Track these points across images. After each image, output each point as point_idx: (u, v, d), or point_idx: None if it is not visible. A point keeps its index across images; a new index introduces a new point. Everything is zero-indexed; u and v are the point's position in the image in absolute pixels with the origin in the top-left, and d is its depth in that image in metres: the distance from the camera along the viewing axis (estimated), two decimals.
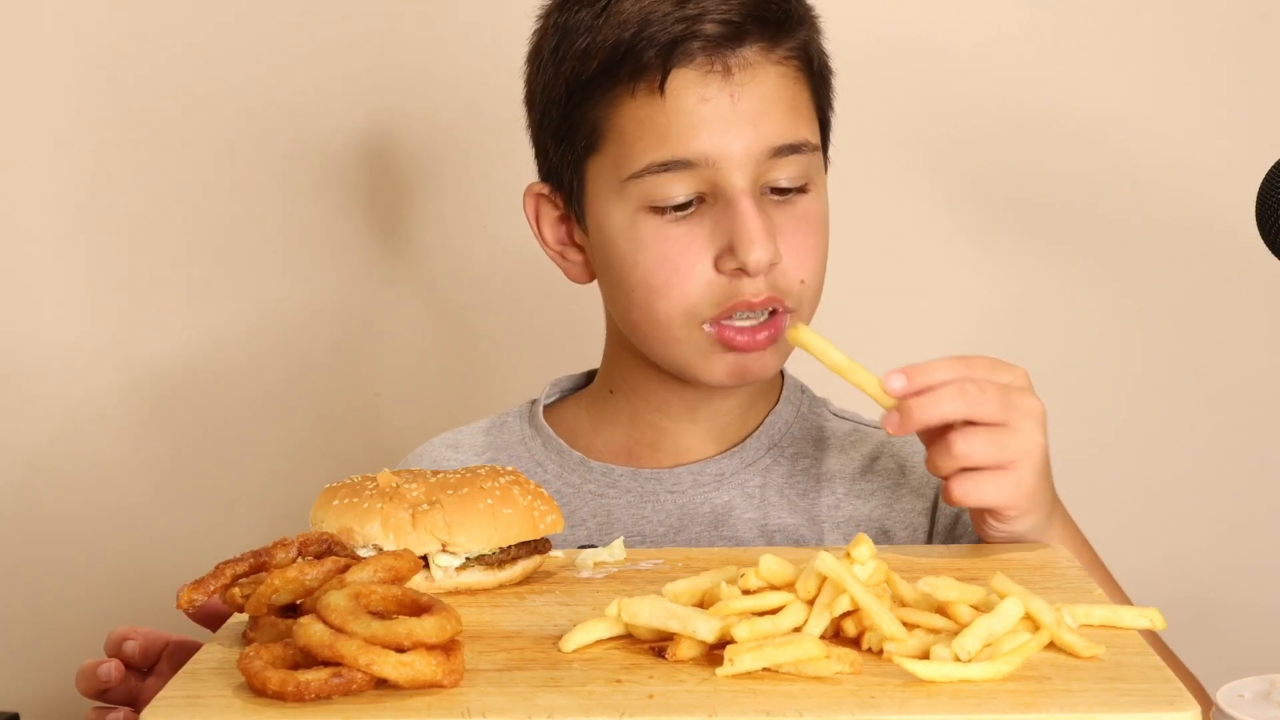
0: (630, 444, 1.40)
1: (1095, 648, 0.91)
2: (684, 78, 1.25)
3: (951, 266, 1.82)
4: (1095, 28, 1.78)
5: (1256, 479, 1.82)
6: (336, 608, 0.87)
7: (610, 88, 1.27)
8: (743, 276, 1.26)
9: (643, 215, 1.28)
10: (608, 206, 1.30)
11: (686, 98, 1.25)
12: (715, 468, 1.37)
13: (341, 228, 1.84)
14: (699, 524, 1.35)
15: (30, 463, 1.85)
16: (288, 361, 1.85)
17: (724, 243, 1.26)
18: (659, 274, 1.27)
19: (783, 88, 1.28)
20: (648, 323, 1.30)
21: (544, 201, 1.37)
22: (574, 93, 1.29)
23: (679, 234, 1.27)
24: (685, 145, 1.25)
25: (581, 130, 1.30)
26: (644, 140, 1.26)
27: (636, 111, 1.27)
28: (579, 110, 1.30)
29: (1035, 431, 1.14)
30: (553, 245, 1.38)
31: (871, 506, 1.36)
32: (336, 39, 1.81)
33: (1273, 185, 1.17)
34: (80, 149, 1.83)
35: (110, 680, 1.10)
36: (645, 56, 1.25)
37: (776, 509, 1.36)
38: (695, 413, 1.38)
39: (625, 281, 1.30)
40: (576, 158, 1.31)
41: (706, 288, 1.27)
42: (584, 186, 1.32)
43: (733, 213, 1.25)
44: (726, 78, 1.26)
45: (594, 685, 0.88)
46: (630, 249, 1.28)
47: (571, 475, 1.39)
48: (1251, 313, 1.80)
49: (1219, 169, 1.76)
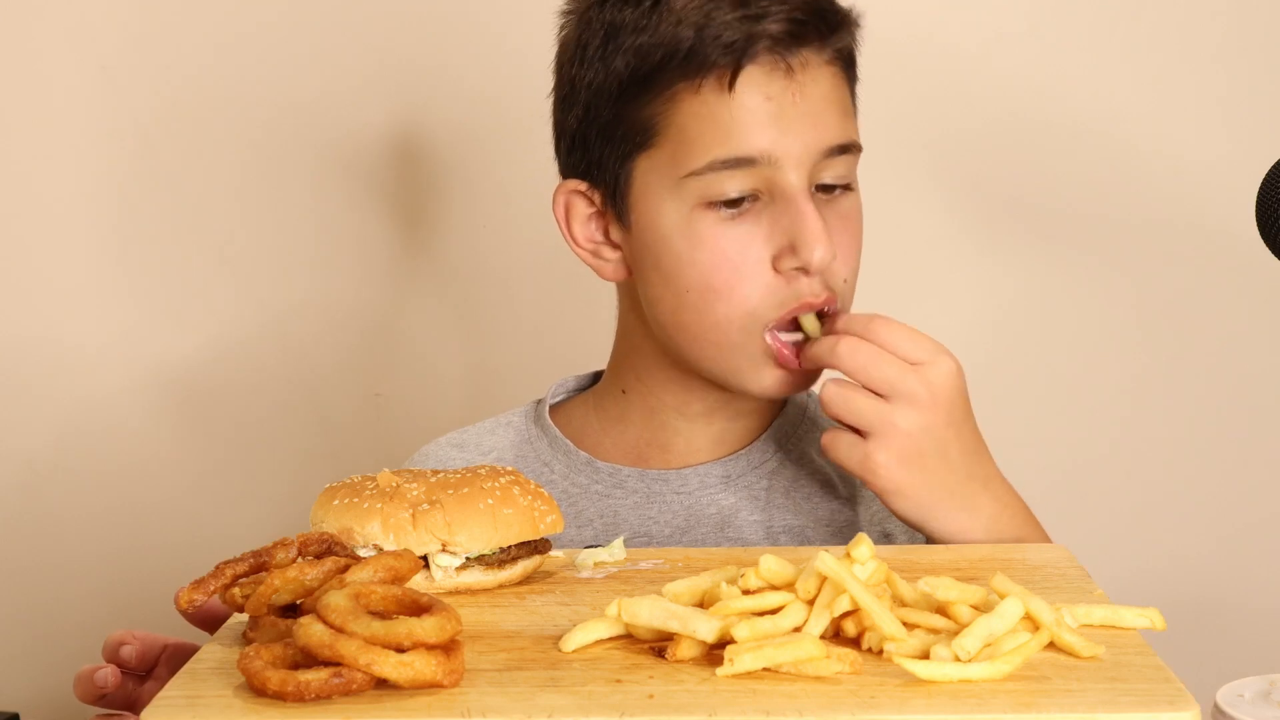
0: (640, 444, 1.39)
1: (1095, 647, 0.91)
2: (751, 76, 1.25)
3: (952, 266, 1.82)
4: (1095, 28, 1.78)
5: (1256, 479, 1.82)
6: (336, 608, 0.87)
7: (671, 84, 1.27)
8: (800, 277, 1.26)
9: (699, 212, 1.27)
10: (659, 204, 1.29)
11: (753, 95, 1.25)
12: (722, 469, 1.37)
13: (347, 228, 1.84)
14: (705, 525, 1.35)
15: (31, 463, 1.86)
16: (289, 362, 1.85)
17: (783, 241, 1.26)
18: (718, 274, 1.27)
19: (834, 88, 1.29)
20: (702, 324, 1.29)
21: (576, 199, 1.35)
22: (627, 89, 1.28)
23: (738, 234, 1.26)
24: (750, 142, 1.25)
25: (634, 126, 1.29)
26: (706, 136, 1.26)
27: (699, 108, 1.26)
28: (631, 106, 1.29)
29: (906, 412, 1.19)
30: (583, 244, 1.36)
31: (874, 510, 1.36)
32: (351, 39, 1.81)
33: (1273, 185, 1.17)
34: (94, 150, 1.83)
35: (107, 685, 1.10)
36: (712, 54, 1.25)
37: (782, 510, 1.36)
38: (713, 414, 1.37)
39: (678, 281, 1.29)
40: (625, 154, 1.30)
41: (766, 290, 1.26)
42: (630, 183, 1.31)
43: (793, 211, 1.26)
44: (790, 77, 1.26)
45: (594, 685, 0.88)
46: (687, 248, 1.27)
47: (578, 475, 1.38)
48: (1251, 313, 1.80)
49: (1219, 169, 1.76)
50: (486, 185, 1.83)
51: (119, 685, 1.11)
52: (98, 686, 1.10)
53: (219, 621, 1.11)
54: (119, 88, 1.82)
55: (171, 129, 1.83)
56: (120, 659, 1.12)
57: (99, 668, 1.11)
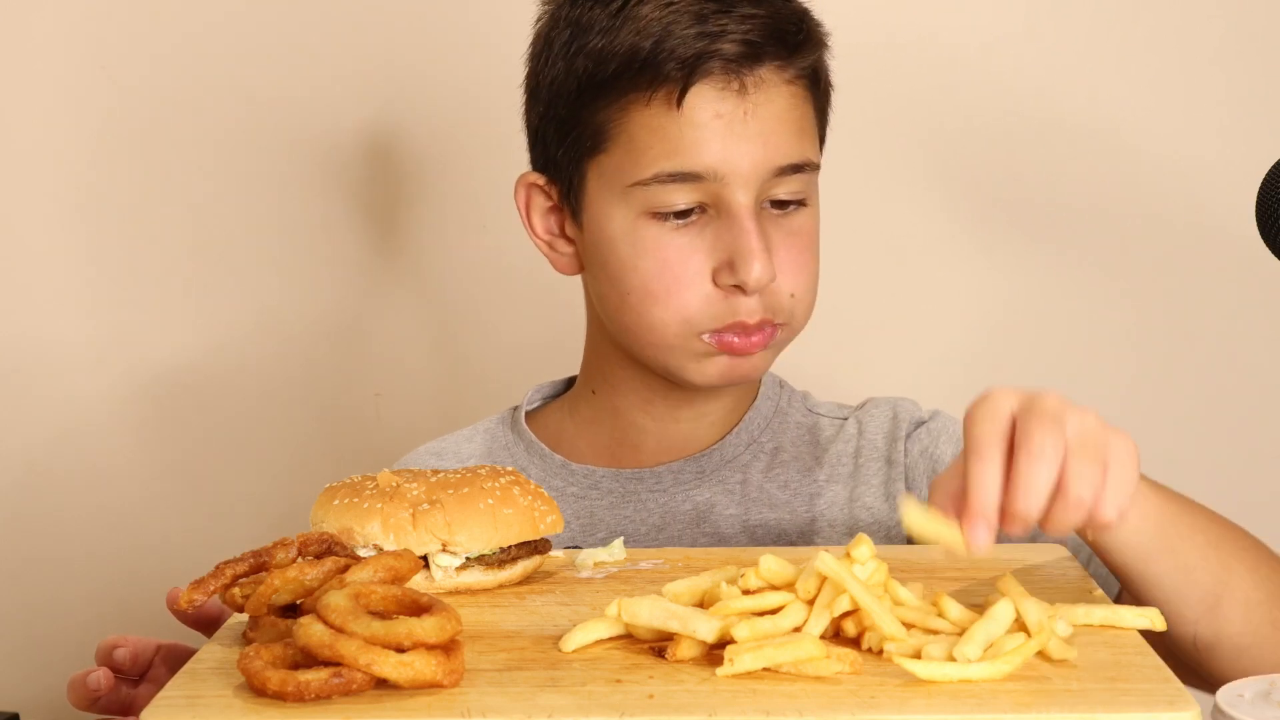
0: (613, 444, 1.40)
1: (1069, 651, 0.90)
2: (701, 93, 1.26)
3: (950, 266, 1.82)
4: (1095, 28, 1.78)
5: (1256, 478, 1.82)
6: (336, 608, 0.87)
7: (624, 93, 1.28)
8: (738, 294, 1.27)
9: (644, 221, 1.28)
10: (608, 208, 1.30)
11: (702, 112, 1.26)
12: (696, 465, 1.38)
13: (341, 228, 1.84)
14: (680, 522, 1.36)
15: (30, 463, 1.85)
16: (287, 362, 1.85)
17: (724, 257, 1.27)
18: (659, 281, 1.28)
19: (792, 107, 1.30)
20: (640, 326, 1.31)
21: (536, 191, 1.37)
22: (584, 91, 1.30)
23: (681, 243, 1.28)
24: (696, 158, 1.26)
25: (588, 129, 1.30)
26: (654, 149, 1.27)
27: (650, 120, 1.27)
28: (587, 109, 1.30)
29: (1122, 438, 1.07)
30: (541, 235, 1.38)
31: (850, 488, 1.37)
32: (333, 40, 1.81)
33: (1273, 185, 1.17)
34: (78, 148, 1.83)
35: (100, 689, 1.10)
36: (666, 68, 1.26)
37: (758, 504, 1.36)
38: (678, 411, 1.38)
39: (621, 284, 1.30)
40: (579, 155, 1.32)
41: (704, 301, 1.28)
42: (584, 184, 1.32)
43: (735, 229, 1.27)
44: (742, 95, 1.27)
45: (594, 685, 0.88)
46: (631, 253, 1.29)
47: (554, 479, 1.39)
48: (1251, 313, 1.79)
49: (1219, 169, 1.76)
50: (485, 186, 1.83)
51: (112, 689, 1.11)
52: (91, 691, 1.10)
53: (214, 623, 1.11)
54: (97, 88, 1.82)
55: (165, 130, 1.82)
56: (114, 663, 1.11)
57: (91, 672, 1.11)
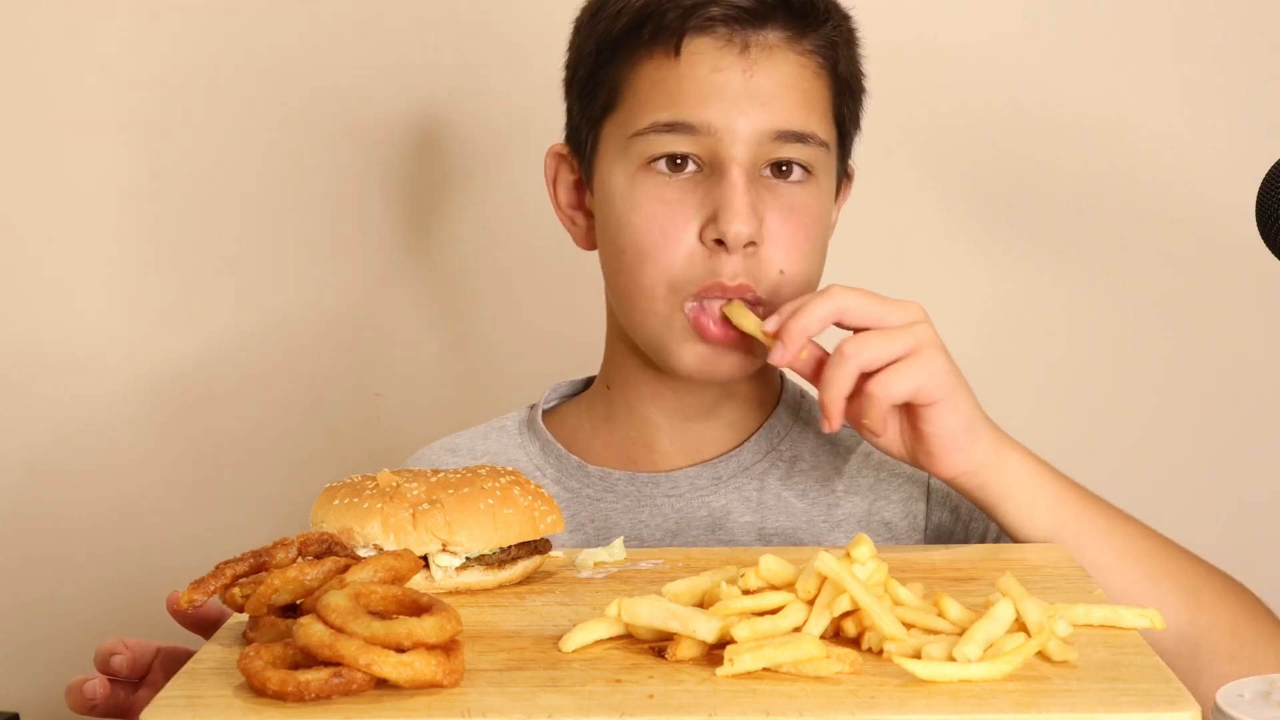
0: (628, 445, 1.40)
1: (1069, 651, 0.90)
2: (701, 45, 1.27)
3: (951, 266, 1.82)
4: (1095, 27, 1.78)
5: (1256, 478, 1.82)
6: (336, 608, 0.87)
7: (634, 48, 1.30)
8: (721, 252, 1.26)
9: (641, 174, 1.29)
10: (612, 166, 1.31)
11: (700, 65, 1.27)
12: (713, 471, 1.37)
13: (345, 229, 1.84)
14: (696, 528, 1.35)
15: (31, 463, 1.85)
16: (288, 361, 1.85)
17: (710, 211, 1.27)
18: (647, 235, 1.28)
19: (800, 78, 1.30)
20: (634, 289, 1.30)
21: (563, 163, 1.39)
22: (602, 51, 1.32)
23: (671, 197, 1.28)
24: (691, 110, 1.27)
25: (603, 89, 1.32)
26: (654, 100, 1.28)
27: (653, 73, 1.29)
28: (604, 69, 1.32)
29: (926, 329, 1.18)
30: (565, 208, 1.40)
31: (870, 501, 1.36)
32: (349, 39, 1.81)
33: (1273, 185, 1.17)
34: (94, 150, 1.83)
35: (96, 696, 1.10)
36: (667, 18, 1.27)
37: (774, 512, 1.36)
38: (689, 410, 1.38)
39: (617, 242, 1.31)
40: (595, 117, 1.33)
41: (688, 258, 1.27)
42: (597, 146, 1.34)
43: (725, 184, 1.26)
44: (744, 53, 1.28)
45: (594, 685, 0.88)
46: (625, 209, 1.30)
47: (570, 480, 1.39)
48: (1251, 313, 1.80)
49: (1219, 169, 1.76)
50: (485, 187, 1.83)
51: (108, 696, 1.11)
52: (87, 698, 1.10)
53: (213, 625, 1.11)
54: (119, 87, 1.82)
55: (173, 130, 1.82)
56: (111, 669, 1.11)
57: (88, 679, 1.11)
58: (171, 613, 1.12)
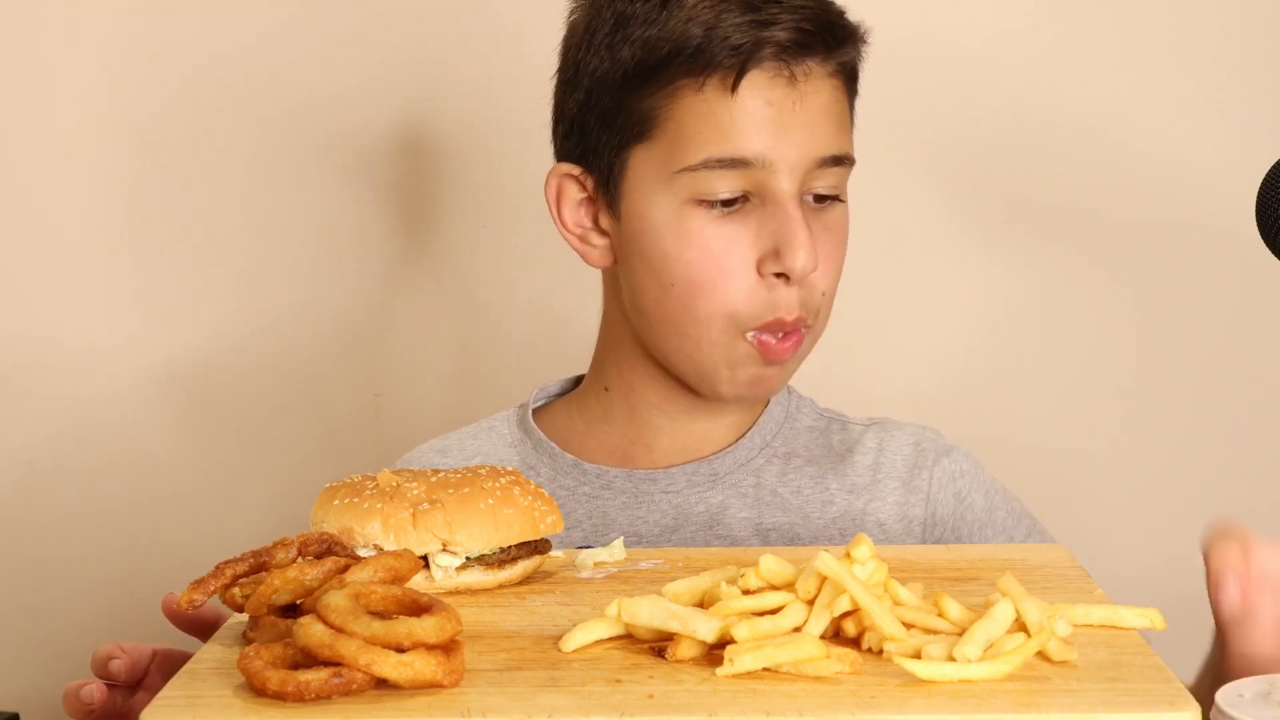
0: (625, 443, 1.40)
1: (1069, 651, 0.90)
2: (754, 81, 1.27)
3: (950, 266, 1.82)
4: (1095, 27, 1.78)
5: (1256, 479, 1.82)
6: (336, 608, 0.87)
7: (674, 79, 1.28)
8: (780, 285, 1.28)
9: (690, 209, 1.28)
10: (652, 197, 1.30)
11: (754, 99, 1.27)
12: (709, 468, 1.38)
13: (345, 228, 1.84)
14: (693, 524, 1.35)
15: (31, 462, 1.85)
16: (288, 361, 1.85)
17: (769, 245, 1.27)
18: (704, 270, 1.28)
19: (834, 100, 1.31)
20: (684, 319, 1.30)
21: (569, 183, 1.36)
22: (631, 79, 1.29)
23: (727, 232, 1.28)
24: (746, 144, 1.27)
25: (633, 117, 1.30)
26: (704, 135, 1.27)
27: (700, 106, 1.27)
28: (632, 97, 1.30)
29: None
30: (572, 228, 1.37)
31: (865, 500, 1.37)
32: (347, 41, 1.81)
33: (1273, 185, 1.17)
34: (94, 149, 1.83)
35: (93, 701, 1.10)
36: (719, 54, 1.26)
37: (771, 508, 1.36)
38: (694, 412, 1.38)
39: (664, 274, 1.30)
40: (622, 143, 1.31)
41: (748, 292, 1.28)
42: (624, 172, 1.32)
43: (781, 216, 1.27)
44: (792, 84, 1.28)
45: (594, 685, 0.88)
46: (676, 242, 1.29)
47: (565, 478, 1.39)
48: (1251, 313, 1.80)
49: (1219, 169, 1.76)
50: (486, 187, 1.83)
51: (106, 700, 1.11)
52: (84, 703, 1.10)
53: (210, 628, 1.11)
54: (119, 87, 1.82)
55: (171, 129, 1.82)
56: (109, 674, 1.11)
57: (85, 683, 1.11)
58: (168, 614, 1.12)
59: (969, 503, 1.39)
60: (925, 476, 1.38)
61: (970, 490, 1.39)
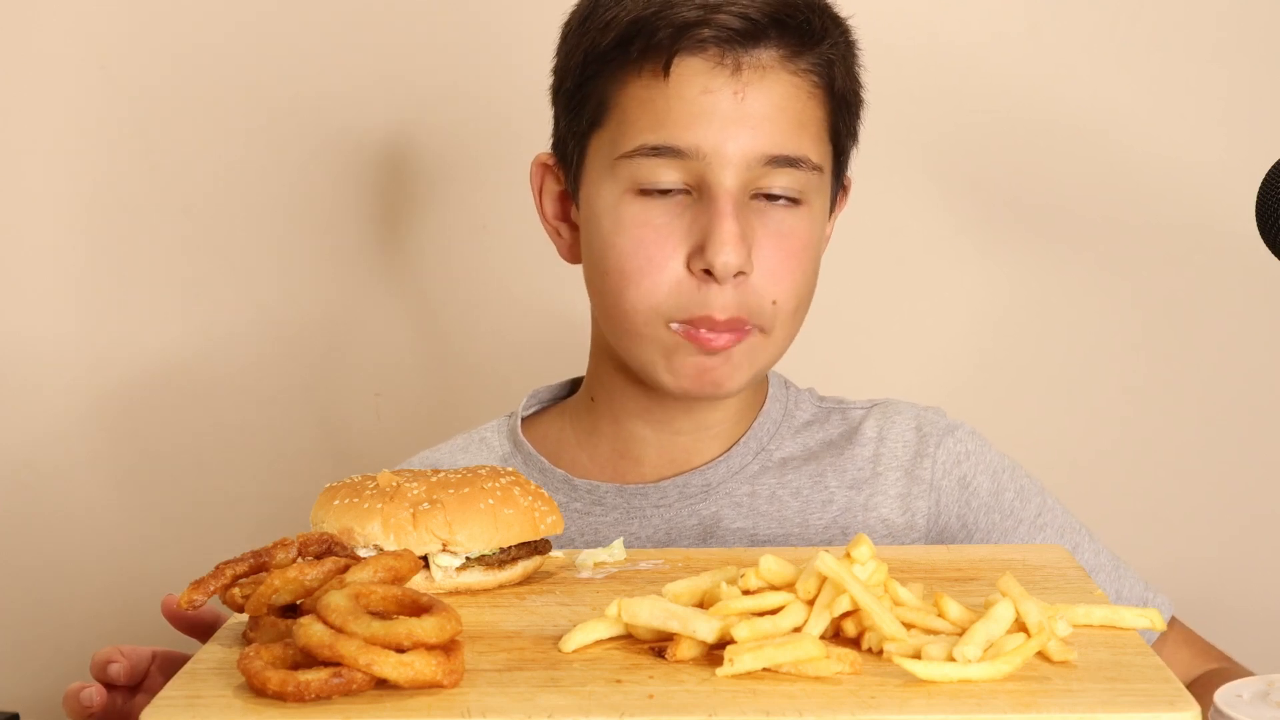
0: (615, 457, 1.37)
1: (1069, 651, 0.90)
2: (691, 66, 1.24)
3: (951, 266, 1.82)
4: (1095, 27, 1.78)
5: (1257, 479, 1.82)
6: (336, 608, 0.87)
7: (621, 64, 1.26)
8: (711, 282, 1.23)
9: (629, 198, 1.26)
10: (599, 185, 1.28)
11: (690, 86, 1.24)
12: (701, 478, 1.35)
13: (340, 228, 1.84)
14: (687, 538, 1.33)
15: (29, 462, 1.85)
16: (287, 361, 1.85)
17: (698, 239, 1.24)
18: (633, 260, 1.25)
19: (793, 99, 1.26)
20: (617, 311, 1.27)
21: (549, 174, 1.36)
22: (589, 64, 1.28)
23: (659, 222, 1.25)
24: (679, 133, 1.24)
25: (590, 103, 1.29)
26: (641, 121, 1.25)
27: (640, 91, 1.25)
28: (591, 83, 1.28)
29: None
30: (550, 219, 1.36)
31: (866, 496, 1.35)
32: (333, 43, 1.81)
33: (1273, 185, 1.17)
34: (73, 147, 1.83)
35: (93, 704, 1.10)
36: (658, 36, 1.23)
37: (765, 517, 1.34)
38: (676, 423, 1.35)
39: (602, 264, 1.28)
40: (582, 131, 1.30)
41: (675, 286, 1.25)
42: (583, 161, 1.30)
43: (711, 211, 1.23)
44: (735, 75, 1.24)
45: (594, 685, 0.88)
46: (611, 230, 1.27)
47: (556, 494, 1.36)
48: (1252, 313, 1.80)
49: (1219, 169, 1.76)
50: (486, 186, 1.83)
51: (106, 703, 1.11)
52: (84, 706, 1.10)
53: (210, 630, 1.11)
54: (113, 88, 1.82)
55: (167, 129, 1.82)
56: (108, 677, 1.11)
57: (85, 686, 1.10)
58: (167, 616, 1.12)
59: (974, 487, 1.35)
60: (928, 465, 1.35)
61: (975, 473, 1.36)
